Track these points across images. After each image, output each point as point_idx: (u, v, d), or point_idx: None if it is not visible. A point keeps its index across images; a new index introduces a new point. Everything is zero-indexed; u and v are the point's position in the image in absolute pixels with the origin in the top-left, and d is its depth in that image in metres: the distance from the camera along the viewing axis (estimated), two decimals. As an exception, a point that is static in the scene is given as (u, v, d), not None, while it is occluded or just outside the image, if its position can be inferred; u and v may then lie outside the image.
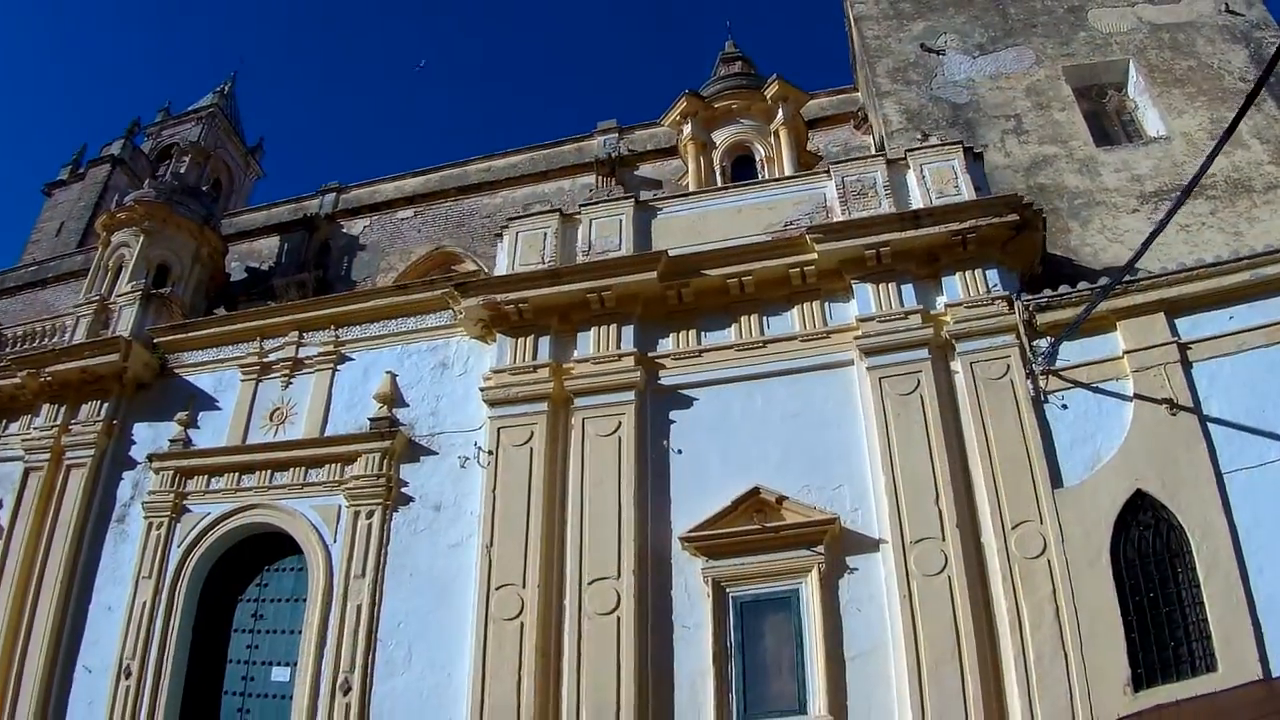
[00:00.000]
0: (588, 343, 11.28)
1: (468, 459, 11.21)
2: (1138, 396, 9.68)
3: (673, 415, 10.79)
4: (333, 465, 11.83)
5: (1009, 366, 10.04)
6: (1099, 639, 8.54)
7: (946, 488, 9.46)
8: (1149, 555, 9.06)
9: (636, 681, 9.26)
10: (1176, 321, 9.94)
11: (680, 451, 10.56)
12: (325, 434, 12.22)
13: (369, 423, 11.86)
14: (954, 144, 11.44)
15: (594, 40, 76.59)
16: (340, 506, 11.56)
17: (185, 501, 12.43)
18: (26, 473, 13.40)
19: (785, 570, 9.60)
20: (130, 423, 13.51)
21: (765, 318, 11.06)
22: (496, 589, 10.10)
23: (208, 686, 11.62)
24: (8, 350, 14.65)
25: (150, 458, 12.80)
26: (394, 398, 11.98)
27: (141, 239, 15.60)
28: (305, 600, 11.51)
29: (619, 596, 9.72)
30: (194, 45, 78.03)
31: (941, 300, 10.57)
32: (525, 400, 11.03)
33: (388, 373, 12.17)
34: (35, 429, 13.72)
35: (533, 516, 10.37)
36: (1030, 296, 10.28)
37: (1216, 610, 8.59)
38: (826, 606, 9.28)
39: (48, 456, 13.32)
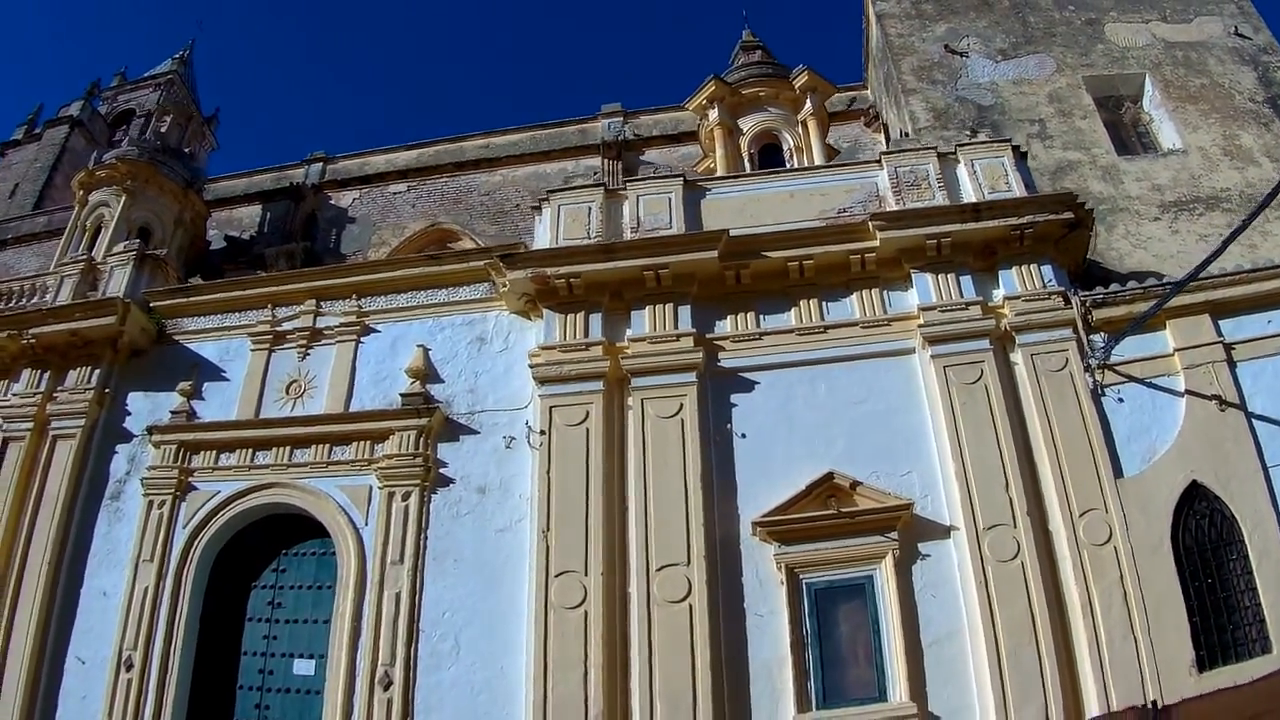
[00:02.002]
0: (642, 321, 10.17)
1: (514, 439, 9.95)
2: (1189, 392, 9.46)
3: (733, 398, 9.82)
4: (361, 443, 10.34)
5: (1067, 360, 9.62)
6: (1164, 623, 8.31)
7: (1015, 476, 8.98)
8: (1205, 543, 8.88)
9: (712, 671, 8.32)
10: (1221, 323, 9.78)
11: (744, 435, 9.60)
12: (351, 409, 10.67)
13: (401, 398, 10.44)
14: (1003, 141, 10.89)
15: (589, 23, 73.27)
16: (372, 487, 10.10)
17: (191, 479, 10.71)
18: (4, 442, 11.35)
19: (859, 556, 8.90)
20: (124, 392, 11.59)
21: (824, 303, 10.22)
22: (556, 576, 8.94)
23: (219, 679, 9.97)
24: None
25: (150, 430, 10.98)
26: (427, 373, 10.56)
27: (123, 199, 13.68)
28: (330, 587, 10.04)
29: (690, 583, 8.74)
30: (151, 7, 70.96)
31: (998, 293, 10.01)
32: (579, 378, 9.88)
33: (419, 346, 10.75)
34: (15, 395, 11.64)
35: (592, 499, 9.26)
36: (1087, 293, 9.83)
37: (1270, 595, 8.51)
38: (902, 593, 8.63)
39: (30, 426, 11.30)
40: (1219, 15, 13.85)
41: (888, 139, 14.92)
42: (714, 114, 13.82)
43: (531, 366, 10.07)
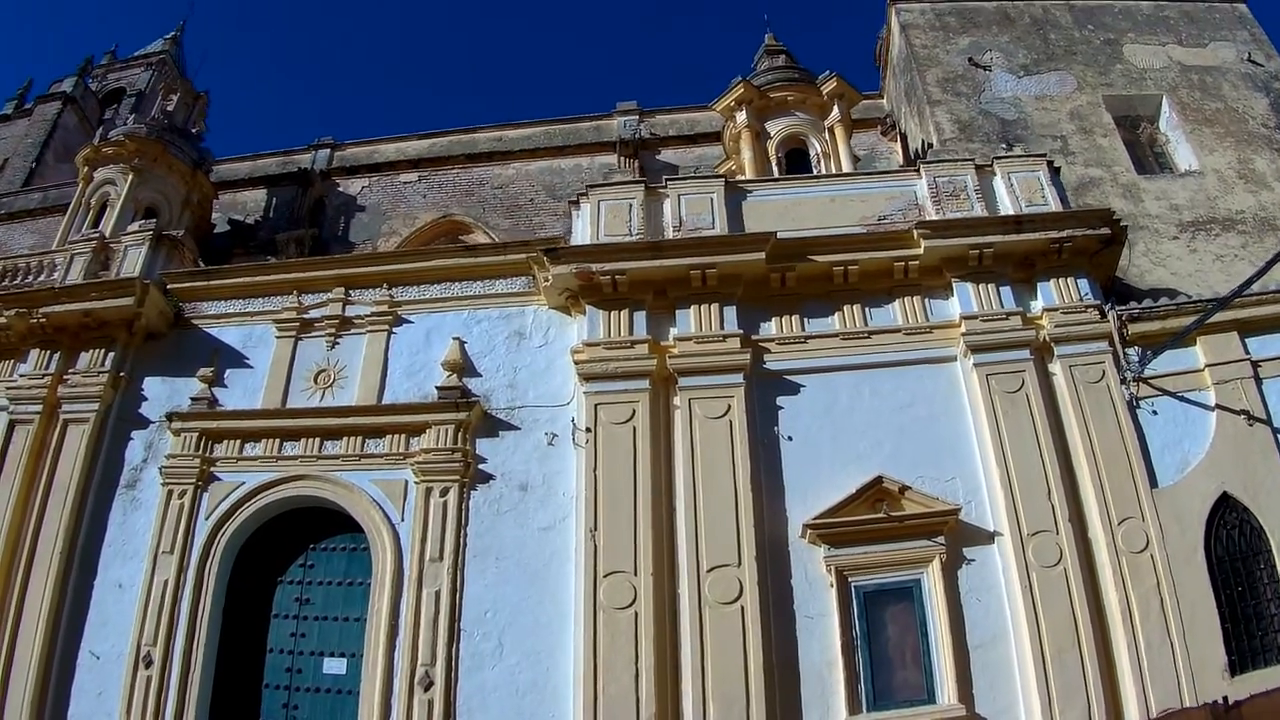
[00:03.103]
0: (687, 320, 9.86)
1: (556, 436, 9.55)
2: (1219, 407, 9.52)
3: (779, 401, 9.58)
4: (396, 436, 9.84)
5: (1104, 372, 9.63)
6: (1198, 628, 8.40)
7: (1057, 484, 8.96)
8: (1235, 553, 8.97)
9: (765, 673, 8.10)
10: (1248, 341, 9.86)
11: (791, 438, 9.36)
12: (383, 401, 10.15)
13: (437, 391, 9.95)
14: (1038, 155, 10.83)
15: (594, 21, 71.38)
16: (408, 482, 9.61)
17: (213, 469, 10.08)
18: (11, 426, 10.59)
19: (907, 560, 8.79)
20: (140, 376, 10.87)
21: (867, 308, 10.05)
22: (605, 576, 8.62)
23: (243, 678, 9.41)
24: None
25: (169, 416, 10.32)
26: (464, 366, 10.09)
27: (130, 177, 12.93)
28: (362, 584, 9.56)
29: (741, 585, 8.51)
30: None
31: (1036, 304, 9.97)
32: (625, 376, 9.54)
33: (455, 339, 10.27)
34: (22, 377, 10.84)
35: (640, 499, 8.94)
36: (1123, 307, 9.82)
37: (1295, 604, 8.68)
38: (949, 596, 8.54)
39: (39, 409, 10.54)
40: (1232, 41, 14.06)
41: (905, 148, 14.86)
42: (741, 116, 13.52)
43: (576, 363, 9.69)
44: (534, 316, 10.46)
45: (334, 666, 9.36)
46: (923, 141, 13.53)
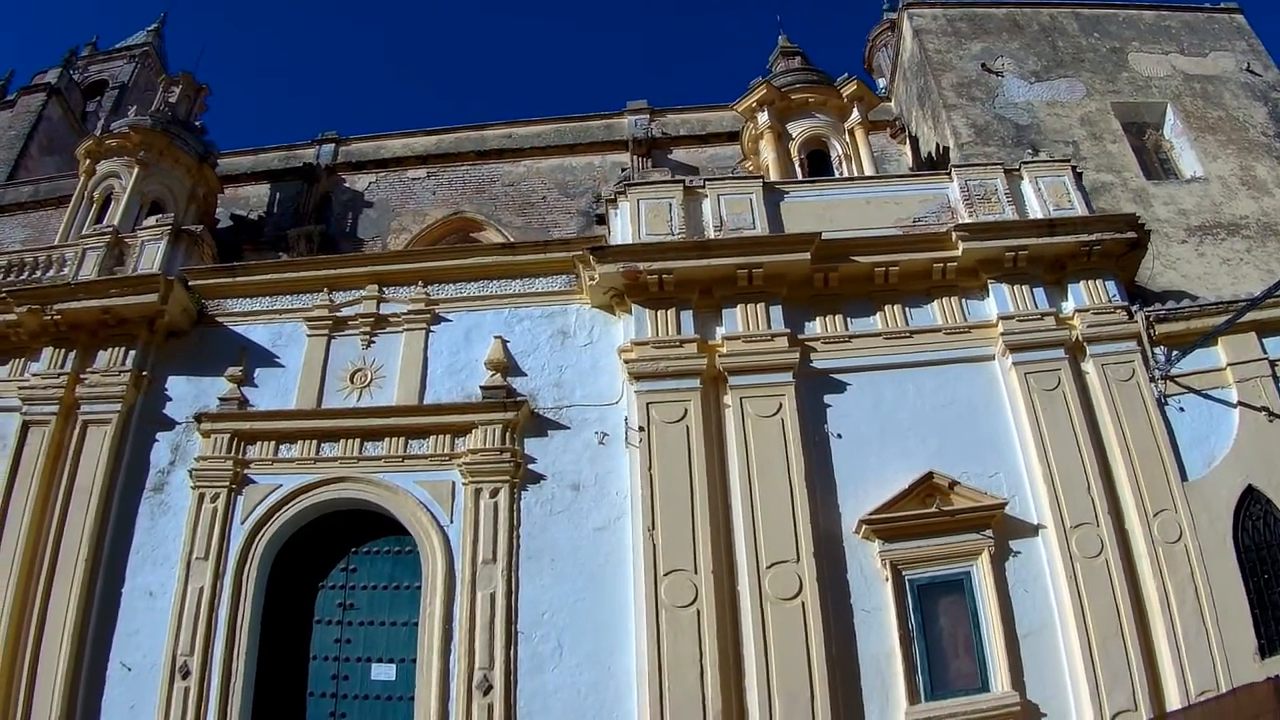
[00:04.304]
0: (733, 320, 9.98)
1: (606, 435, 9.55)
2: (1240, 404, 9.97)
3: (827, 399, 9.75)
4: (441, 437, 9.73)
5: (1134, 370, 9.99)
6: (1230, 615, 8.80)
7: (1095, 478, 9.29)
8: (1261, 542, 9.40)
9: (828, 667, 8.26)
10: (1265, 341, 10.35)
11: (840, 435, 9.54)
12: (425, 401, 10.02)
13: (481, 391, 9.86)
14: (1063, 161, 11.19)
15: (595, 22, 70.47)
16: (455, 483, 9.51)
17: (247, 471, 9.82)
18: (25, 427, 10.17)
19: (958, 553, 9.05)
20: (162, 375, 10.54)
21: (907, 309, 10.29)
22: (665, 575, 8.67)
23: (286, 686, 9.19)
24: (-10, 282, 10.91)
25: (198, 417, 10.03)
26: (508, 365, 10.02)
27: (135, 171, 12.52)
28: (408, 588, 9.45)
29: (801, 581, 8.65)
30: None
31: (1068, 305, 10.32)
32: (676, 375, 9.62)
33: (497, 338, 10.19)
34: (35, 376, 10.41)
35: (697, 497, 9.01)
36: (1150, 308, 10.23)
37: (1317, 592, 9.26)
38: (999, 588, 8.81)
39: (55, 409, 10.14)
40: (1231, 51, 14.72)
41: (915, 151, 15.21)
42: (763, 117, 13.66)
43: (626, 362, 9.73)
44: (577, 315, 10.45)
45: (382, 673, 9.20)
46: (937, 145, 13.88)
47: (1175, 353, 10.04)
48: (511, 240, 13.68)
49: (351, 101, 64.87)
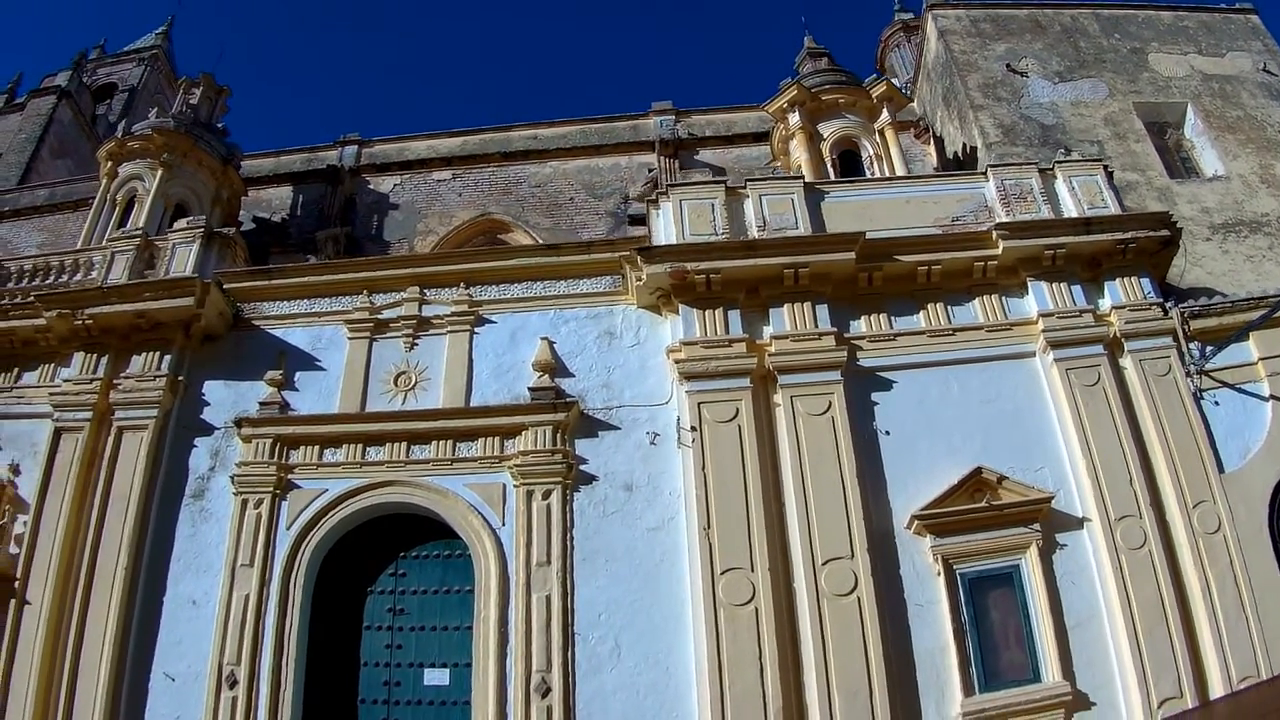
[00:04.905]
0: (780, 319, 10.11)
1: (658, 435, 9.66)
2: (1273, 397, 10.22)
3: (874, 397, 9.92)
4: (490, 439, 9.76)
5: (1170, 366, 10.22)
6: (1267, 602, 9.00)
7: (1136, 471, 9.49)
8: None
9: (885, 662, 8.42)
10: (1294, 336, 10.64)
11: (888, 432, 9.73)
12: (471, 403, 10.06)
13: (529, 393, 9.92)
14: (1095, 160, 11.45)
15: (608, 24, 70.60)
16: (506, 485, 9.54)
17: (291, 476, 9.80)
18: (57, 434, 10.11)
19: (1007, 547, 9.23)
20: (199, 380, 10.51)
21: (949, 307, 10.48)
22: (722, 573, 8.77)
23: (336, 693, 9.19)
24: (15, 285, 10.79)
25: (239, 422, 10.00)
26: (555, 366, 10.10)
27: (159, 173, 12.47)
28: (459, 591, 9.49)
29: (856, 577, 8.79)
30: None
31: (1104, 302, 10.52)
32: (726, 375, 9.74)
33: (543, 339, 10.25)
34: (67, 382, 10.33)
35: (751, 496, 9.13)
36: (1184, 305, 10.53)
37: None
38: (1047, 580, 9.01)
39: (88, 415, 10.08)
40: (1248, 52, 15.11)
41: (940, 151, 15.47)
42: (794, 118, 13.85)
43: (676, 362, 9.83)
44: (623, 316, 10.53)
45: (436, 677, 9.23)
46: (964, 145, 14.15)
47: (1209, 348, 10.31)
48: (540, 241, 13.76)
49: (369, 104, 65.60)
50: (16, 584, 9.64)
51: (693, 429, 9.46)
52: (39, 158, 18.24)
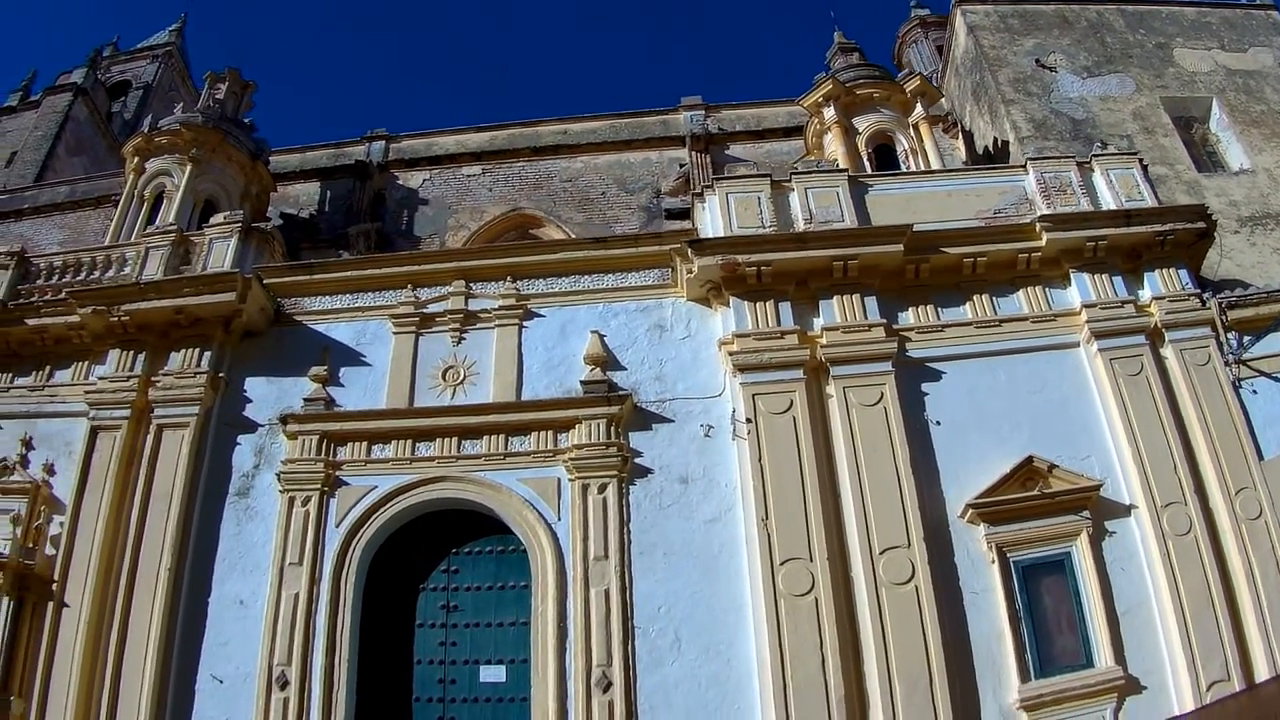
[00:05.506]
0: (830, 311, 10.27)
1: (712, 427, 9.78)
2: (1310, 386, 10.53)
3: (924, 387, 10.09)
4: (543, 433, 9.83)
5: (1210, 355, 10.47)
6: None
7: (1180, 458, 9.72)
8: None
9: (943, 649, 8.58)
10: (1326, 326, 10.98)
11: (939, 422, 9.91)
12: (523, 397, 10.14)
13: (581, 386, 10.00)
14: (1132, 154, 11.75)
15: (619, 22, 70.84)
16: (560, 479, 9.61)
17: (338, 473, 9.81)
18: (94, 432, 10.07)
19: (1058, 534, 9.45)
20: (240, 377, 10.50)
21: (994, 298, 10.68)
22: (782, 564, 8.90)
23: (390, 692, 9.23)
24: (44, 282, 10.74)
25: (284, 419, 10.01)
26: (607, 360, 10.19)
27: (188, 168, 12.47)
28: (514, 587, 9.57)
29: (913, 566, 8.97)
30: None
31: (1144, 293, 10.75)
32: (779, 366, 9.88)
33: (594, 332, 10.34)
34: (101, 379, 10.28)
35: (808, 487, 9.27)
36: (1221, 295, 10.82)
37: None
38: (1098, 566, 9.22)
39: (126, 414, 10.05)
40: (1270, 47, 15.48)
41: (969, 145, 15.75)
42: (830, 112, 14.06)
43: (730, 355, 9.96)
44: (673, 308, 10.65)
45: (492, 674, 9.28)
46: (995, 139, 14.45)
47: (1247, 338, 10.63)
48: (573, 236, 13.90)
49: (389, 100, 66.24)
50: (54, 586, 9.61)
51: (748, 421, 9.60)
52: (55, 155, 18.18)
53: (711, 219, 10.98)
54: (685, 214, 13.25)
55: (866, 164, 13.91)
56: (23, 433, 10.56)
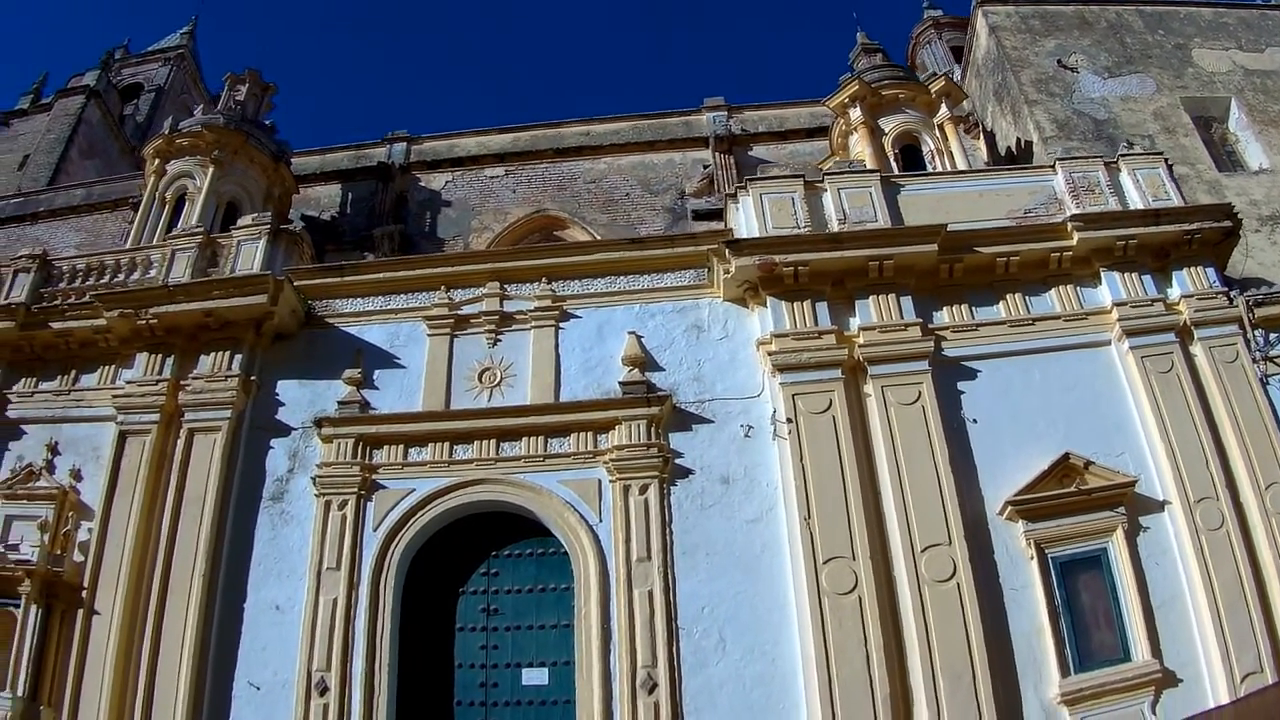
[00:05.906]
0: (866, 311, 10.41)
1: (752, 427, 9.88)
2: (1334, 383, 10.77)
3: (960, 386, 10.24)
4: (582, 434, 9.90)
5: (1238, 353, 10.65)
6: None
7: (1212, 454, 9.89)
8: None
9: (985, 645, 8.70)
10: (1347, 322, 11.21)
11: (976, 421, 10.05)
12: (561, 399, 10.20)
13: (620, 387, 10.06)
14: (1157, 154, 11.96)
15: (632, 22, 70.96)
16: (601, 480, 9.67)
17: (375, 476, 9.84)
18: (122, 437, 10.07)
19: (1094, 530, 9.61)
20: (272, 380, 10.51)
21: (1027, 297, 10.84)
22: (825, 563, 9.01)
23: (432, 697, 9.24)
24: (68, 286, 10.71)
25: (319, 422, 10.03)
26: (645, 360, 10.27)
27: (210, 170, 12.50)
28: (554, 589, 9.61)
29: (955, 563, 9.09)
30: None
31: (1173, 291, 10.93)
32: (818, 366, 10.01)
33: (631, 333, 10.42)
34: (129, 383, 10.27)
35: (849, 485, 9.40)
36: (1248, 293, 11.04)
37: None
38: (1134, 561, 9.37)
39: (155, 418, 10.05)
40: None
41: (991, 145, 15.95)
42: (855, 113, 14.22)
43: (770, 355, 10.05)
44: (709, 309, 10.73)
45: (535, 677, 9.31)
46: (1018, 139, 14.65)
47: (1273, 335, 10.90)
48: (598, 237, 13.99)
49: (407, 101, 65.82)
50: (84, 593, 9.59)
51: (788, 420, 9.72)
52: (68, 158, 18.14)
53: (746, 220, 11.09)
54: (712, 215, 13.39)
55: (894, 164, 14.08)
56: (48, 438, 10.54)
